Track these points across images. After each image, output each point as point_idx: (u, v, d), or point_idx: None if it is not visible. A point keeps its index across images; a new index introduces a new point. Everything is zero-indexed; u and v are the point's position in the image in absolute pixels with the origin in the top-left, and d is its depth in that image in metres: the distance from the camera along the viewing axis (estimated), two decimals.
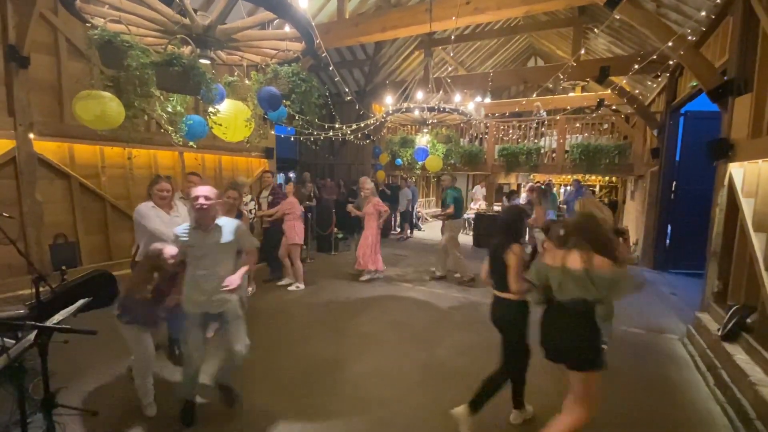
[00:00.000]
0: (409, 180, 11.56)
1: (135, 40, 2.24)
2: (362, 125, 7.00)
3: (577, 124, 9.70)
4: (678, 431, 2.83)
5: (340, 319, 4.71)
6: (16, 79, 4.61)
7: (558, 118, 9.70)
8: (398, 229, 11.28)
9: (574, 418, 2.17)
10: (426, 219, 14.21)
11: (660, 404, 3.13)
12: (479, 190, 12.79)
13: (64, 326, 1.48)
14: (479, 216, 9.86)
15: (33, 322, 1.47)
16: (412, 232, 11.15)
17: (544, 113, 10.35)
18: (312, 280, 6.15)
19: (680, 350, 4.15)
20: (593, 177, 13.40)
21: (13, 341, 2.05)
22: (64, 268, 4.84)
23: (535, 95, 9.33)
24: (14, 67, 4.57)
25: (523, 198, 10.00)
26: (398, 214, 11.00)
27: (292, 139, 8.52)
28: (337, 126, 6.69)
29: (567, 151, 9.35)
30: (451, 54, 12.05)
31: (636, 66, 5.72)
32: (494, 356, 3.82)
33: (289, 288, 5.75)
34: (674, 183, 7.37)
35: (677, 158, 7.37)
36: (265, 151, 8.20)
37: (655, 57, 4.96)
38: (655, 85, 8.12)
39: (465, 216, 11.65)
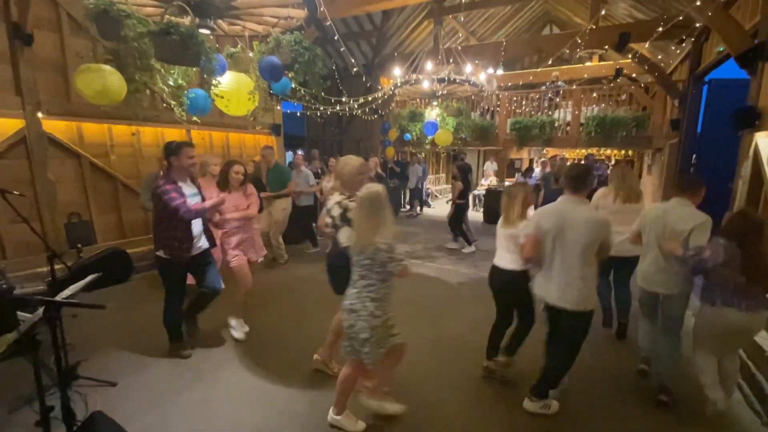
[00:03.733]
0: (419, 156, 11.39)
1: (132, 9, 2.16)
2: (370, 99, 6.83)
3: (594, 94, 9.30)
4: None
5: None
6: (21, 58, 4.56)
7: (574, 88, 9.32)
8: (408, 207, 11.21)
9: None
10: (436, 196, 14.09)
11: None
12: (490, 166, 12.56)
13: (71, 300, 1.49)
14: (490, 192, 9.72)
15: (41, 297, 1.48)
16: (421, 210, 11.08)
17: (562, 83, 9.93)
18: (322, 257, 6.18)
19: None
20: (608, 150, 13.00)
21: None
22: (79, 246, 4.92)
23: (550, 65, 8.95)
24: (18, 45, 4.52)
25: (537, 173, 9.78)
26: (408, 191, 10.90)
27: (299, 114, 8.38)
28: (344, 100, 6.54)
29: (582, 124, 9.04)
30: (462, 22, 11.59)
31: (660, 29, 5.39)
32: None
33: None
34: (694, 156, 7.09)
35: (699, 130, 7.07)
36: (273, 127, 8.10)
37: (680, 18, 4.66)
38: (678, 51, 7.70)
39: (475, 192, 11.50)
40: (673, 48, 7.85)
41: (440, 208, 11.75)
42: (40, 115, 4.75)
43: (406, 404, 2.61)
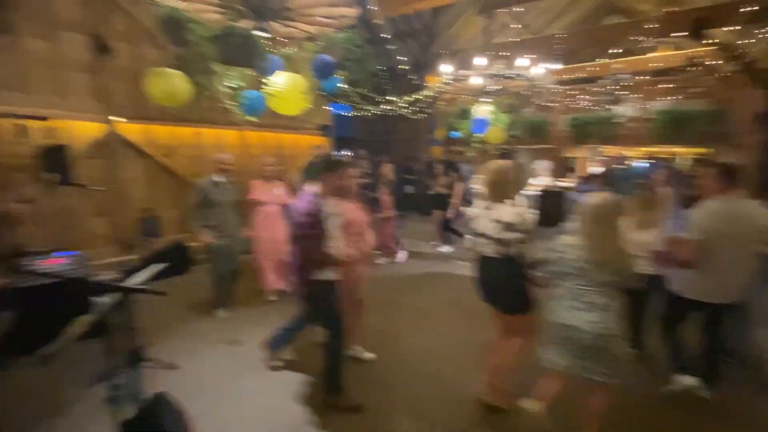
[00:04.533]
0: (466, 155, 11.07)
1: (196, 15, 2.30)
2: (417, 98, 6.77)
3: (664, 85, 8.49)
4: None
5: (395, 294, 4.72)
6: (101, 67, 5.06)
7: (639, 80, 8.59)
8: None
9: None
10: None
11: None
12: (543, 165, 11.94)
13: (139, 287, 1.61)
14: (546, 193, 9.21)
15: (115, 283, 1.60)
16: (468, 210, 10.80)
17: (626, 76, 9.19)
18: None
19: None
20: (678, 148, 11.86)
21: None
22: (148, 238, 5.38)
23: (608, 58, 8.33)
24: (100, 56, 5.01)
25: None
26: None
27: (348, 115, 8.51)
28: (392, 99, 6.54)
29: (649, 119, 8.32)
30: (515, 15, 11.13)
31: (743, 9, 4.79)
32: None
33: None
34: None
35: None
36: (322, 128, 8.31)
37: None
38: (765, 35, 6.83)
39: (526, 193, 10.99)
40: (763, 32, 6.97)
41: None
42: (116, 119, 5.23)
43: (460, 410, 2.54)
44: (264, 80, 2.58)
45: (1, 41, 4.25)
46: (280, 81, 2.64)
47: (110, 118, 5.15)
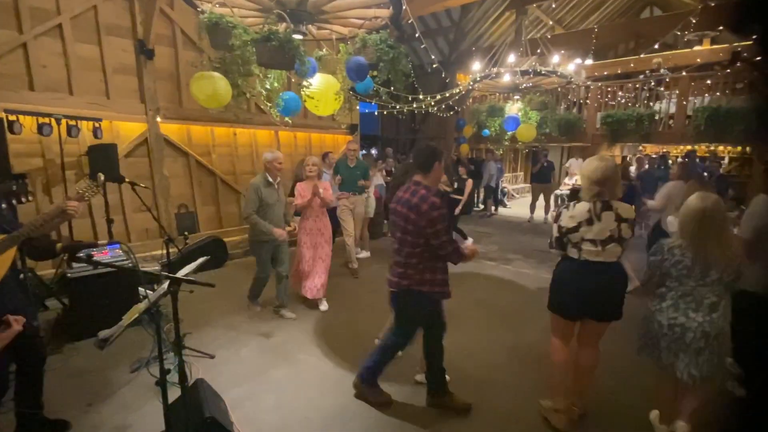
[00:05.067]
0: (495, 153, 10.93)
1: (238, 20, 2.40)
2: (446, 95, 6.74)
3: (708, 81, 8.05)
4: None
5: None
6: (144, 70, 5.33)
7: (680, 75, 8.19)
8: (482, 206, 10.87)
9: None
10: (513, 195, 13.46)
11: None
12: (575, 163, 11.61)
13: (189, 278, 1.71)
14: (576, 192, 8.97)
15: (167, 273, 1.72)
16: (496, 209, 10.66)
17: (665, 71, 8.78)
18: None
19: None
20: (721, 147, 11.25)
21: (151, 291, 2.46)
22: (186, 233, 5.63)
23: (646, 52, 7.98)
24: (143, 59, 5.29)
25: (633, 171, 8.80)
26: (482, 190, 10.57)
27: (376, 113, 8.57)
28: (420, 97, 6.54)
29: (689, 116, 7.93)
30: (547, 10, 10.87)
31: None
32: None
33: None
34: None
35: None
36: (350, 127, 8.41)
37: None
38: None
39: (558, 192, 10.77)
40: None
41: (517, 208, 11.20)
42: (158, 119, 5.50)
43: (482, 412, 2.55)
44: (300, 82, 2.67)
45: (52, 46, 4.57)
46: (315, 83, 2.73)
47: (152, 118, 5.43)
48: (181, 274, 1.97)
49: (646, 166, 8.47)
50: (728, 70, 8.04)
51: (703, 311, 2.07)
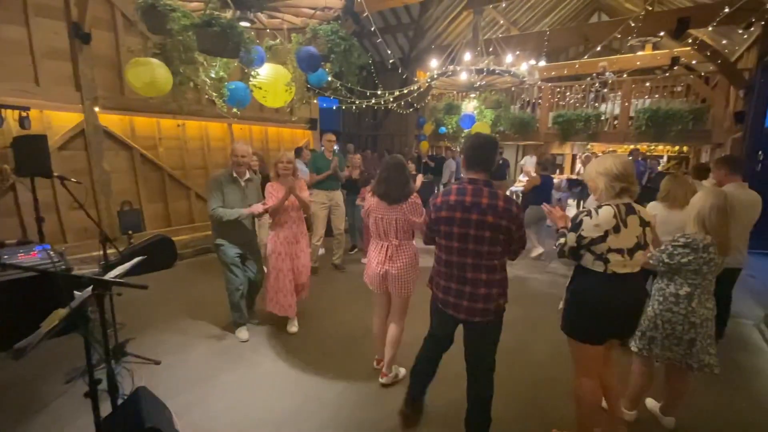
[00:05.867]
0: (455, 150, 11.16)
1: (177, 4, 2.25)
2: (405, 92, 6.76)
3: (647, 84, 8.66)
4: (743, 420, 2.58)
5: None
6: (80, 55, 4.91)
7: (623, 78, 8.74)
8: None
9: None
10: None
11: (726, 391, 2.85)
12: (529, 161, 12.10)
13: (117, 280, 1.58)
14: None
15: (92, 276, 1.57)
16: None
17: (611, 74, 9.36)
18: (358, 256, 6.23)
19: (755, 336, 3.74)
20: (661, 147, 12.15)
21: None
22: (130, 232, 5.28)
23: (594, 56, 8.43)
24: (78, 43, 4.86)
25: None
26: (441, 186, 10.73)
27: (335, 108, 8.47)
28: (379, 93, 6.52)
29: (632, 117, 8.49)
30: (503, 12, 11.19)
31: (726, 9, 4.91)
32: (539, 331, 3.68)
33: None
34: (759, 152, 6.48)
35: (766, 123, 6.44)
36: (309, 122, 8.25)
37: None
38: (745, 37, 7.02)
39: (513, 189, 11.17)
40: (740, 32, 7.18)
41: None
42: (96, 109, 5.10)
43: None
44: (248, 72, 2.55)
45: None
46: (263, 72, 2.61)
47: (90, 107, 5.01)
48: (113, 274, 1.82)
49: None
50: (667, 74, 8.69)
51: (712, 300, 2.18)
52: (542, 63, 9.35)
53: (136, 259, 2.03)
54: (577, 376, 2.09)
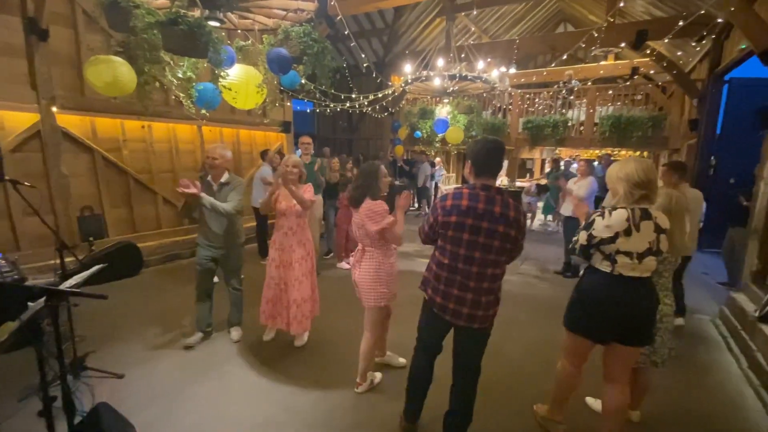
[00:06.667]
0: (428, 155, 11.29)
1: (141, 0, 2.16)
2: (380, 96, 6.79)
3: (610, 92, 9.12)
4: (704, 411, 2.72)
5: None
6: (36, 53, 4.62)
7: (588, 86, 9.15)
8: (416, 206, 11.14)
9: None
10: None
11: (684, 385, 3.00)
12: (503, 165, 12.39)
13: (73, 289, 1.48)
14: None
15: (46, 287, 1.47)
16: (429, 209, 10.98)
17: (576, 82, 9.78)
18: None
19: (711, 331, 3.97)
20: (623, 151, 12.74)
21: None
22: (91, 239, 5.00)
23: (560, 64, 8.79)
24: (34, 39, 4.58)
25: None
26: (416, 190, 10.82)
27: (309, 112, 8.39)
28: (354, 96, 6.50)
29: (596, 124, 8.87)
30: (475, 19, 11.46)
31: (680, 23, 5.22)
32: (513, 331, 3.74)
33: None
34: (712, 157, 6.91)
35: (718, 130, 6.88)
36: (283, 125, 8.12)
37: (701, 14, 4.52)
38: (698, 49, 7.49)
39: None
40: (693, 45, 7.65)
41: None
42: (54, 109, 4.82)
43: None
44: (217, 72, 2.47)
45: None
46: (233, 73, 2.55)
47: (46, 107, 4.73)
48: (69, 284, 1.71)
49: (562, 167, 9.29)
50: (628, 83, 9.15)
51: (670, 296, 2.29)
52: (512, 70, 9.64)
53: (95, 267, 1.92)
54: (561, 358, 2.30)
